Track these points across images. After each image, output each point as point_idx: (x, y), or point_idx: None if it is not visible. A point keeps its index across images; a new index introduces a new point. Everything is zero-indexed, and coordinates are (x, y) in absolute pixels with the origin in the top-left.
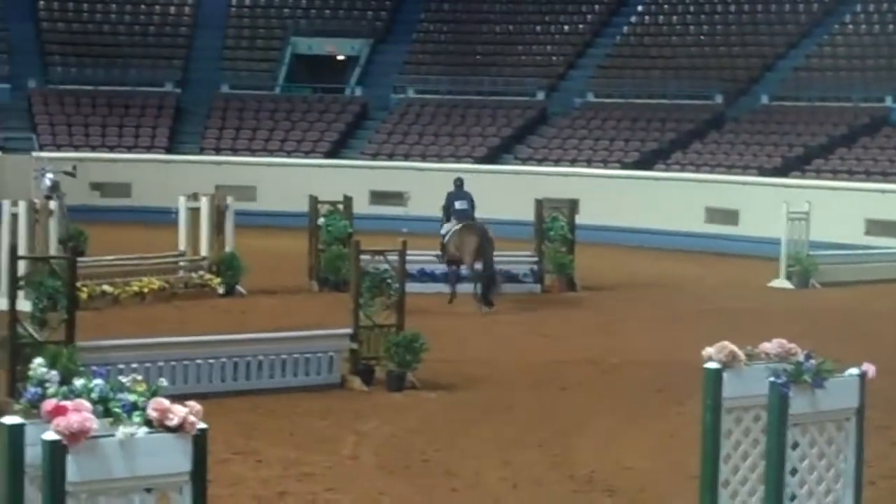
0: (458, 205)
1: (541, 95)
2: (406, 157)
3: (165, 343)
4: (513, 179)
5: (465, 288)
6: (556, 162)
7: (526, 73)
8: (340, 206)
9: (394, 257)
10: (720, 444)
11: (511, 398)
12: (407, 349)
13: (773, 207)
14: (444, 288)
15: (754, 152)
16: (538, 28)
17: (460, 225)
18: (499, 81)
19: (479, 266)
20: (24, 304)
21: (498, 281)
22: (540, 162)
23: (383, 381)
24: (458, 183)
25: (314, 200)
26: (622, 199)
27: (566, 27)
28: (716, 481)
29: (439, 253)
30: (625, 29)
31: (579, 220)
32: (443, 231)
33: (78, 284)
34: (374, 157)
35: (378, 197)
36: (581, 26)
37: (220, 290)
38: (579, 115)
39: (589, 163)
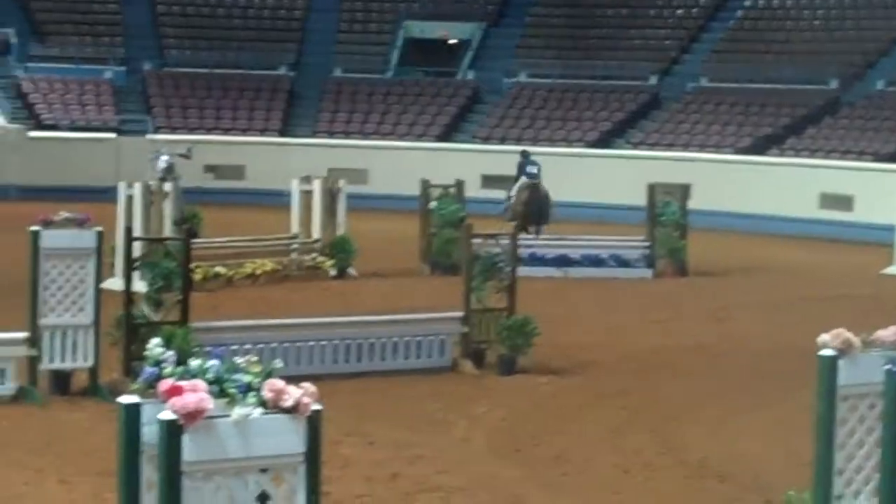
0: (528, 169)
1: (653, 80)
2: (518, 140)
3: (278, 325)
4: (625, 164)
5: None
6: (669, 146)
7: (639, 58)
8: (452, 190)
9: (506, 241)
10: (834, 432)
11: (622, 383)
12: (518, 333)
13: (887, 193)
14: (555, 272)
15: (869, 137)
16: (651, 12)
17: (526, 185)
18: (611, 65)
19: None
20: (139, 285)
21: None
22: (652, 146)
23: (494, 365)
24: (526, 154)
25: (426, 184)
26: (735, 184)
27: (679, 11)
28: (830, 469)
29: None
30: (739, 13)
31: (691, 205)
32: (511, 193)
33: (192, 266)
34: (486, 140)
35: (489, 181)
36: (694, 10)
37: (332, 273)
38: (692, 100)
39: (701, 148)
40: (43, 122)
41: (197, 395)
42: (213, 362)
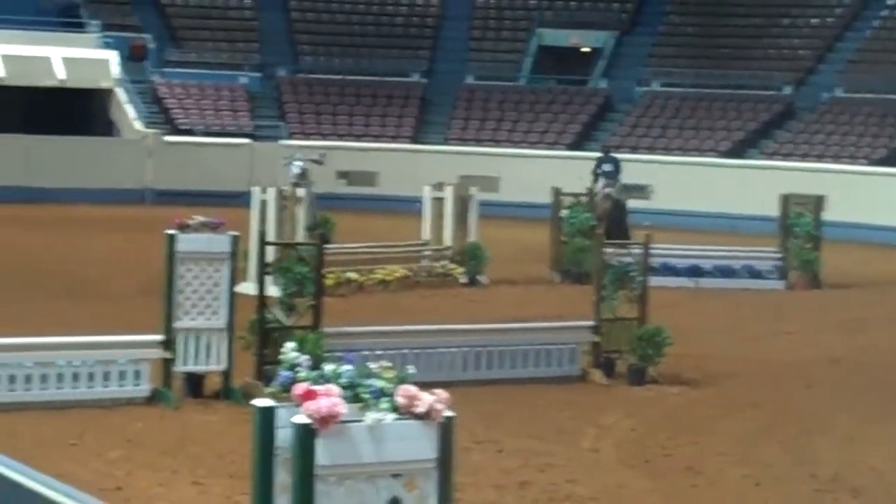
0: (605, 167)
1: (788, 90)
2: (649, 150)
3: (409, 331)
4: (757, 174)
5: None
6: (803, 157)
7: (773, 67)
8: (583, 199)
9: (637, 250)
10: None
11: (754, 395)
12: (649, 343)
13: None
14: (686, 282)
15: None
16: (786, 21)
17: (607, 191)
18: (745, 75)
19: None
20: (272, 290)
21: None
22: (786, 157)
23: (624, 375)
24: (606, 150)
25: (557, 192)
26: (870, 195)
27: (814, 20)
28: None
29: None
30: (876, 22)
31: (825, 216)
32: (595, 190)
33: (324, 271)
34: (618, 149)
35: (621, 189)
36: (830, 20)
37: (463, 280)
38: (827, 110)
39: (836, 159)
40: (179, 127)
41: (331, 399)
42: (347, 367)
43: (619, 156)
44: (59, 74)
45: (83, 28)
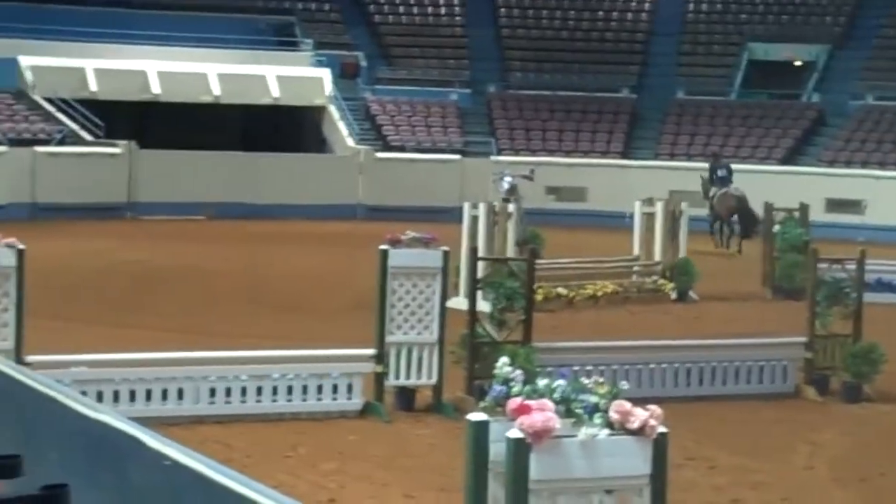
0: (719, 173)
1: None
2: (864, 164)
3: (619, 346)
4: None
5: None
6: None
7: None
8: (796, 214)
9: (852, 266)
10: None
11: None
12: (864, 360)
13: None
14: None
15: None
16: None
17: (724, 190)
18: None
19: (734, 220)
20: (482, 305)
21: (754, 224)
22: None
23: (838, 392)
24: (717, 157)
25: (769, 207)
26: None
27: None
28: None
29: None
30: None
31: None
32: (710, 194)
33: (534, 286)
34: (831, 164)
35: (834, 205)
36: None
37: (673, 296)
38: None
39: None
40: (390, 144)
41: (544, 414)
42: (560, 382)
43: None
44: (274, 93)
45: (297, 47)
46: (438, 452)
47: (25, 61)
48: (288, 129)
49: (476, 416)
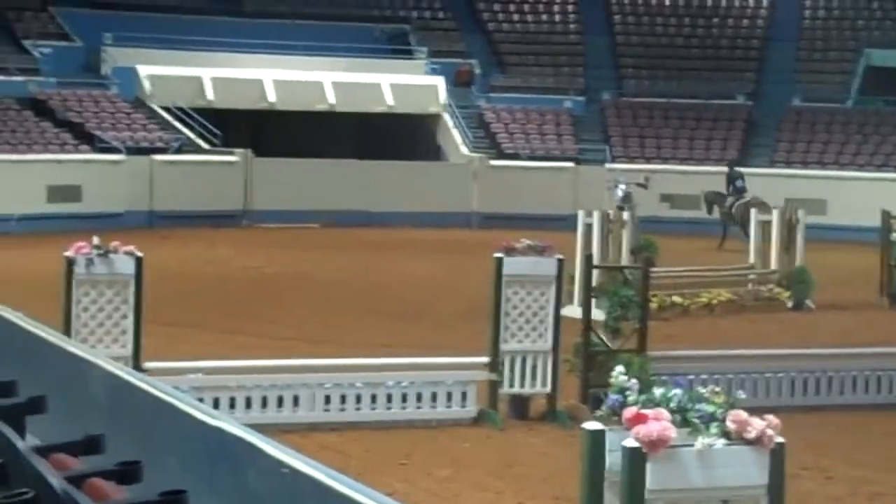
0: (737, 184)
1: None
2: None
3: (735, 356)
4: None
5: None
6: None
7: None
8: None
9: None
10: None
11: None
12: None
13: None
14: None
15: None
16: None
17: (744, 200)
18: None
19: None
20: (597, 313)
21: None
22: None
23: None
24: (732, 166)
25: (886, 215)
26: None
27: None
28: None
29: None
30: None
31: None
32: (727, 203)
33: (649, 294)
34: None
35: None
36: None
37: (789, 304)
38: None
39: None
40: (504, 151)
41: (660, 423)
42: (676, 391)
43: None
44: (389, 101)
45: (412, 55)
46: (552, 461)
47: (144, 70)
48: (402, 137)
49: (592, 425)
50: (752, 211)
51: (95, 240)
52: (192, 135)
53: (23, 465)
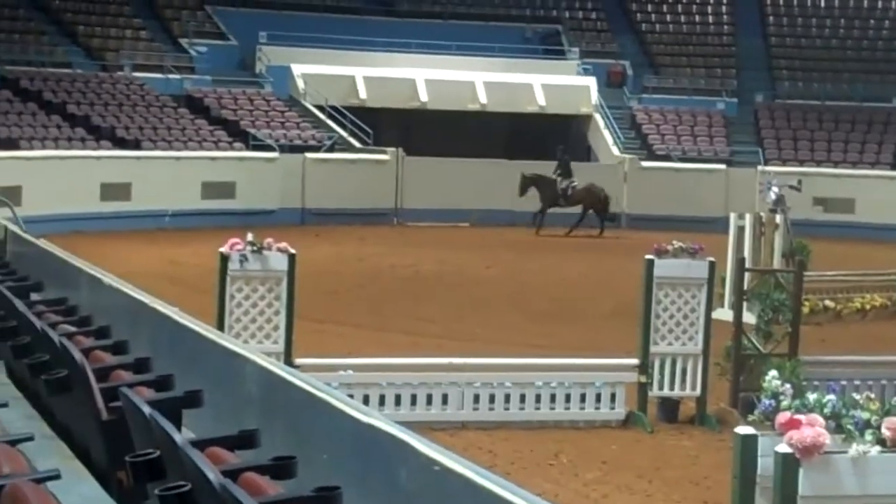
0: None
1: None
2: None
3: (890, 361)
4: None
5: None
6: None
7: None
8: None
9: None
10: None
11: None
12: None
13: None
14: None
15: None
16: None
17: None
18: None
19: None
20: (747, 316)
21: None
22: None
23: None
24: (563, 151)
25: None
26: None
27: None
28: None
29: None
30: None
31: None
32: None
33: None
34: None
35: None
36: None
37: None
38: None
39: None
40: (655, 153)
41: (814, 429)
42: (830, 397)
43: None
44: (540, 101)
45: (563, 55)
46: (702, 465)
47: (298, 69)
48: (553, 137)
49: (744, 429)
50: None
51: (249, 236)
52: (344, 133)
53: (180, 458)
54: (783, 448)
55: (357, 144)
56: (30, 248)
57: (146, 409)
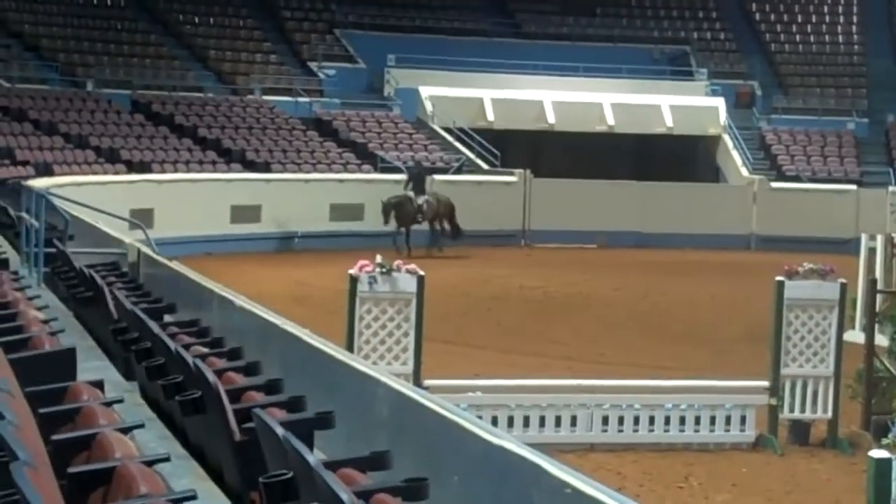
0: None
1: None
2: None
3: None
4: None
5: None
6: None
7: None
8: None
9: None
10: None
11: None
12: None
13: None
14: None
15: None
16: None
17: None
18: None
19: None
20: (880, 338)
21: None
22: None
23: None
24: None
25: None
26: None
27: None
28: None
29: None
30: None
31: None
32: (418, 202)
33: None
34: None
35: None
36: None
37: None
38: None
39: None
40: (784, 174)
41: None
42: None
43: None
44: (668, 122)
45: (692, 76)
46: (834, 488)
47: (426, 91)
48: (681, 158)
49: (878, 453)
50: None
51: (379, 258)
52: (471, 155)
53: (314, 479)
54: None
55: (484, 166)
56: (162, 270)
57: (279, 431)
